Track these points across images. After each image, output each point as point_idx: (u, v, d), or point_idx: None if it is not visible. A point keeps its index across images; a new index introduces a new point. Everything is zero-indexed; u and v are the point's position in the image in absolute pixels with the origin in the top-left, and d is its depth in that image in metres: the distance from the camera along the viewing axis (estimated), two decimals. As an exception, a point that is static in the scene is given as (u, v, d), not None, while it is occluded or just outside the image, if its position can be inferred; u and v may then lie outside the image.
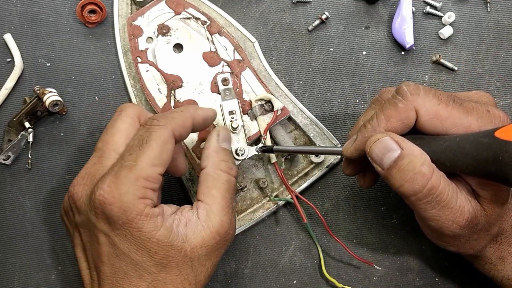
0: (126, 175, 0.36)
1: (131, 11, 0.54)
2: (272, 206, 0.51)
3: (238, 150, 0.48)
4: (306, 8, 0.55)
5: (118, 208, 0.36)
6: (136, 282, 0.37)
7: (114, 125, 0.41)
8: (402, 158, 0.36)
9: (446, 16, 0.54)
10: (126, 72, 0.53)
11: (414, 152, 0.36)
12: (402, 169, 0.36)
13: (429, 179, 0.36)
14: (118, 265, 0.37)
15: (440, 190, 0.36)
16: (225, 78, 0.50)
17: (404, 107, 0.37)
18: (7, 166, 0.53)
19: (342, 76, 0.54)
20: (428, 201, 0.36)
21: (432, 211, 0.37)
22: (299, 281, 0.51)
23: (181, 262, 0.38)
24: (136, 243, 0.37)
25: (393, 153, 0.36)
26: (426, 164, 0.36)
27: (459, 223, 0.37)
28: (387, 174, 0.37)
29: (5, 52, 0.54)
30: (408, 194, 0.36)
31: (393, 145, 0.37)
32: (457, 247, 0.41)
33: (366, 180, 0.44)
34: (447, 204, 0.36)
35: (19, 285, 0.51)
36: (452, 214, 0.37)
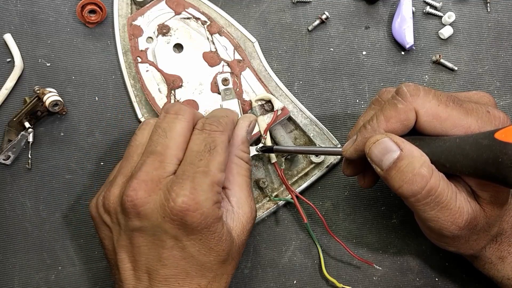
0: (203, 181, 0.37)
1: (131, 11, 0.54)
2: (272, 206, 0.51)
3: (238, 150, 0.48)
4: (306, 8, 0.55)
5: (200, 215, 0.37)
6: (197, 281, 0.39)
7: (174, 129, 0.40)
8: (401, 159, 0.36)
9: (446, 16, 0.54)
10: (126, 72, 0.53)
11: (413, 153, 0.36)
12: (401, 170, 0.36)
13: (428, 180, 0.36)
14: (182, 267, 0.38)
15: (439, 191, 0.36)
16: (225, 78, 0.50)
17: (403, 108, 0.37)
18: (7, 166, 0.53)
19: (342, 76, 0.54)
20: (427, 203, 0.36)
21: (431, 212, 0.37)
22: (299, 281, 0.51)
23: (234, 251, 0.40)
24: (208, 246, 0.38)
25: (392, 154, 0.36)
26: (425, 165, 0.36)
27: (458, 224, 0.37)
28: (386, 175, 0.37)
29: (5, 52, 0.54)
30: (407, 195, 0.36)
31: (393, 146, 0.37)
32: (456, 247, 0.41)
33: (367, 180, 0.44)
34: (446, 205, 0.36)
35: (19, 285, 0.51)
36: (451, 215, 0.37)
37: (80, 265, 0.51)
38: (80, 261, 0.51)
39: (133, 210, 0.38)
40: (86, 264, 0.51)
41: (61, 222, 0.52)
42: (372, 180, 0.44)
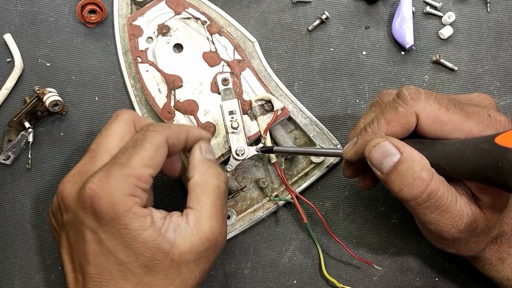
0: (117, 172, 0.37)
1: (131, 11, 0.54)
2: (272, 206, 0.51)
3: (238, 150, 0.48)
4: (306, 8, 0.55)
5: (107, 203, 0.36)
6: (121, 284, 0.37)
7: (109, 128, 0.41)
8: (402, 163, 0.36)
9: (446, 16, 0.54)
10: (126, 72, 0.53)
11: (414, 157, 0.36)
12: (401, 174, 0.36)
13: (428, 184, 0.36)
14: (104, 265, 0.37)
15: (439, 195, 0.36)
16: (225, 78, 0.50)
17: (404, 112, 0.37)
18: (7, 166, 0.53)
19: (342, 76, 0.54)
20: (427, 206, 0.36)
21: (431, 215, 0.37)
22: (299, 281, 0.51)
23: (168, 266, 0.37)
24: (122, 241, 0.36)
25: (392, 157, 0.36)
26: (426, 169, 0.36)
27: (458, 227, 0.37)
28: (386, 179, 0.37)
29: (5, 52, 0.54)
30: (408, 199, 0.37)
31: (393, 150, 0.37)
32: (456, 249, 0.41)
33: (367, 182, 0.44)
34: (446, 209, 0.36)
35: (19, 285, 0.51)
36: (451, 219, 0.37)
37: (80, 265, 0.51)
38: (80, 261, 0.51)
39: (61, 203, 0.39)
40: (86, 264, 0.51)
41: (61, 222, 0.52)
42: (372, 182, 0.44)
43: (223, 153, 0.49)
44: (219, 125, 0.50)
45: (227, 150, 0.49)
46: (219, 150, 0.49)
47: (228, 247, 0.52)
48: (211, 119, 0.50)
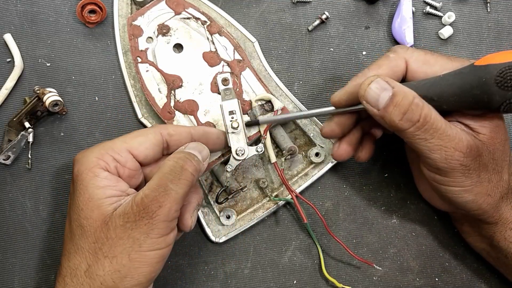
0: (99, 144, 0.42)
1: (131, 11, 0.54)
2: (272, 206, 0.51)
3: (238, 150, 0.48)
4: (306, 8, 0.55)
5: (79, 163, 0.40)
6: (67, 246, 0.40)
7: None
8: (396, 95, 0.39)
9: (446, 16, 0.54)
10: (126, 72, 0.53)
11: (404, 89, 0.39)
12: (398, 104, 0.38)
13: (422, 108, 0.38)
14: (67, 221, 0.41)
15: (434, 118, 0.38)
16: (225, 78, 0.50)
17: (394, 57, 0.42)
18: (7, 166, 0.53)
19: (342, 76, 0.54)
20: (426, 129, 0.38)
21: (432, 140, 0.38)
22: (299, 281, 0.51)
23: (98, 227, 0.38)
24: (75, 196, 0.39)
25: (386, 92, 0.39)
26: (417, 97, 0.39)
27: (461, 149, 0.38)
28: (384, 113, 0.39)
29: (5, 52, 0.54)
30: (407, 126, 0.38)
31: (385, 85, 0.39)
32: (472, 193, 0.40)
33: (340, 148, 0.45)
34: (444, 132, 0.38)
35: (19, 285, 0.51)
36: (452, 141, 0.38)
37: (80, 265, 0.51)
38: (80, 261, 0.51)
39: None
40: (86, 264, 0.51)
41: (61, 222, 0.52)
42: (345, 150, 0.45)
43: (223, 153, 0.49)
44: (219, 125, 0.50)
45: (227, 150, 0.49)
46: (219, 150, 0.49)
47: (228, 247, 0.52)
48: (211, 119, 0.50)
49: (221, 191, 0.49)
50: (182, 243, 0.52)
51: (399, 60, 0.42)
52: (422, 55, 0.42)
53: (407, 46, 0.43)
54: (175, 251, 0.51)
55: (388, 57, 0.42)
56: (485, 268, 0.51)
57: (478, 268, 0.51)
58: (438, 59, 0.42)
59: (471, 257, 0.51)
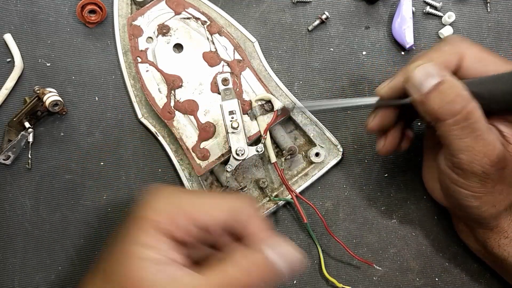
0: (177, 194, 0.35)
1: (131, 11, 0.54)
2: (272, 206, 0.51)
3: (238, 150, 0.48)
4: (306, 8, 0.55)
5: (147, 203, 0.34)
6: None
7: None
8: (444, 83, 0.36)
9: (446, 16, 0.54)
10: (126, 72, 0.53)
11: (454, 80, 0.37)
12: (443, 91, 0.36)
13: (469, 102, 0.36)
14: None
15: (477, 117, 0.36)
16: (225, 78, 0.50)
17: (448, 50, 0.39)
18: (7, 166, 0.53)
19: (342, 76, 0.54)
20: (464, 127, 0.36)
21: (466, 139, 0.36)
22: (299, 281, 0.51)
23: None
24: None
25: (434, 78, 0.37)
26: (466, 89, 0.36)
27: (490, 157, 0.37)
28: (425, 99, 0.37)
29: (5, 52, 0.54)
30: (447, 116, 0.36)
31: (435, 71, 0.37)
32: (479, 199, 0.39)
33: (388, 142, 0.43)
34: (481, 135, 0.36)
35: (19, 285, 0.51)
36: (485, 147, 0.36)
37: (80, 265, 0.51)
38: (80, 261, 0.51)
39: None
40: (86, 264, 0.51)
41: (61, 222, 0.52)
42: (392, 145, 0.43)
43: (223, 153, 0.49)
44: (219, 125, 0.50)
45: (227, 150, 0.49)
46: (219, 150, 0.49)
47: None
48: (211, 119, 0.50)
49: (221, 191, 0.49)
50: (182, 243, 0.52)
51: (453, 55, 0.39)
52: (479, 52, 0.39)
53: (463, 38, 0.40)
54: (175, 251, 0.52)
55: (441, 50, 0.39)
56: (485, 268, 0.51)
57: (478, 268, 0.51)
58: (494, 59, 0.39)
59: (471, 257, 0.51)
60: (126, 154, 0.53)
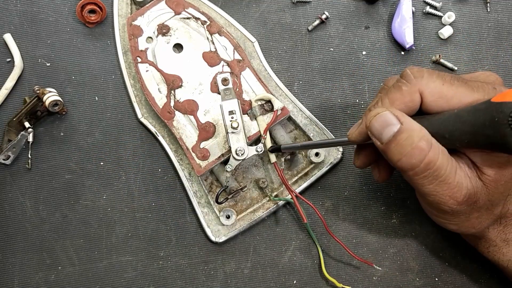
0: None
1: (131, 11, 0.54)
2: (272, 206, 0.51)
3: (238, 150, 0.48)
4: (306, 8, 0.55)
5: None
6: None
7: None
8: (401, 132, 0.36)
9: (446, 16, 0.54)
10: (126, 72, 0.53)
11: (413, 127, 0.36)
12: (400, 144, 0.36)
13: (426, 154, 0.36)
14: None
15: (438, 165, 0.36)
16: (225, 78, 0.50)
17: (408, 90, 0.38)
18: (7, 166, 0.53)
19: (342, 76, 0.54)
20: (425, 176, 0.36)
21: (430, 186, 0.37)
22: (299, 281, 0.51)
23: None
24: None
25: (392, 127, 0.37)
26: (425, 139, 0.36)
27: (457, 199, 0.37)
28: (385, 149, 0.37)
29: (5, 52, 0.54)
30: (406, 168, 0.37)
31: (393, 120, 0.37)
32: (457, 225, 0.41)
33: (381, 172, 0.43)
34: (444, 180, 0.36)
35: (19, 285, 0.51)
36: (450, 190, 0.37)
37: (80, 265, 0.51)
38: (80, 261, 0.51)
39: None
40: (86, 264, 0.51)
41: (61, 222, 0.52)
42: (387, 172, 0.43)
43: (223, 153, 0.49)
44: (219, 125, 0.50)
45: (227, 150, 0.49)
46: (219, 150, 0.49)
47: (228, 247, 0.52)
48: (211, 119, 0.50)
49: (221, 191, 0.49)
50: (182, 243, 0.52)
51: (414, 94, 0.38)
52: (439, 87, 0.38)
53: (422, 71, 0.38)
54: (175, 251, 0.52)
55: (401, 90, 0.38)
56: (485, 268, 0.51)
57: (478, 268, 0.51)
58: (457, 90, 0.37)
59: (471, 257, 0.51)
60: (126, 154, 0.53)
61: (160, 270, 0.51)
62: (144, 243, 0.52)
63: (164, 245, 0.52)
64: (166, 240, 0.52)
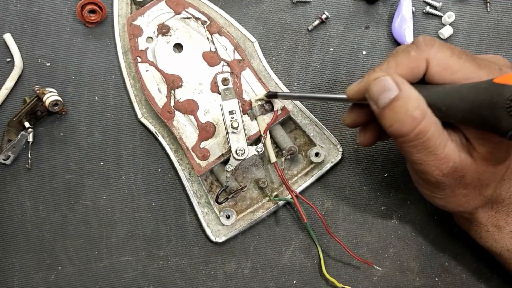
0: None
1: (131, 11, 0.54)
2: (272, 206, 0.51)
3: (238, 150, 0.48)
4: (306, 8, 0.55)
5: None
6: None
7: None
8: (397, 99, 0.36)
9: (446, 16, 0.54)
10: (126, 72, 0.53)
11: (411, 95, 0.36)
12: (394, 111, 0.36)
13: (419, 123, 0.36)
14: None
15: (428, 136, 0.36)
16: (225, 78, 0.50)
17: (416, 56, 0.38)
18: (7, 166, 0.53)
19: (342, 76, 0.54)
20: (414, 145, 0.37)
21: (417, 154, 0.37)
22: (299, 281, 0.51)
23: None
24: None
25: (389, 93, 0.36)
26: (420, 108, 0.36)
27: (442, 170, 0.37)
28: (380, 113, 0.37)
29: (5, 52, 0.54)
30: (396, 135, 0.37)
31: (392, 86, 0.36)
32: (443, 200, 0.41)
33: (367, 136, 0.43)
34: (433, 151, 0.37)
35: (19, 285, 0.51)
36: (437, 161, 0.37)
37: (80, 265, 0.51)
38: (80, 261, 0.51)
39: None
40: (86, 264, 0.51)
41: (61, 222, 0.52)
42: (372, 138, 0.43)
43: (223, 153, 0.49)
44: (219, 125, 0.50)
45: (227, 150, 0.49)
46: (219, 150, 0.49)
47: (228, 247, 0.52)
48: (211, 119, 0.50)
49: (221, 191, 0.49)
50: (182, 243, 0.52)
51: (420, 61, 0.38)
52: (446, 58, 0.37)
53: (434, 40, 0.38)
54: (175, 251, 0.52)
55: (409, 55, 0.38)
56: (485, 268, 0.51)
57: (478, 268, 0.51)
58: (464, 65, 0.37)
59: (471, 257, 0.51)
60: (126, 154, 0.53)
61: (160, 270, 0.51)
62: (144, 243, 0.52)
63: (164, 245, 0.52)
64: (166, 240, 0.52)
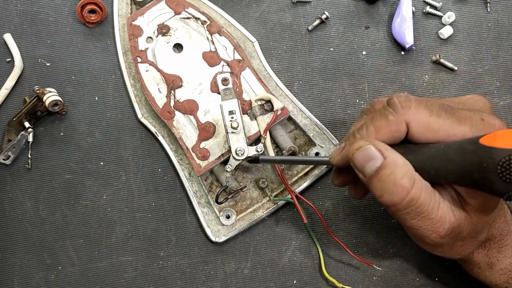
0: None
1: (131, 11, 0.54)
2: (272, 206, 0.51)
3: (238, 150, 0.48)
4: (306, 8, 0.55)
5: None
6: None
7: None
8: (384, 167, 0.36)
9: (446, 16, 0.54)
10: (126, 72, 0.53)
11: (397, 162, 0.36)
12: (382, 180, 0.36)
13: (409, 191, 0.35)
14: None
15: (420, 202, 0.35)
16: (225, 78, 0.50)
17: (394, 120, 0.37)
18: (7, 166, 0.53)
19: (342, 76, 0.54)
20: (407, 212, 0.36)
21: (412, 221, 0.36)
22: (299, 281, 0.51)
23: None
24: None
25: (375, 161, 0.36)
26: (407, 175, 0.35)
27: (439, 233, 0.37)
28: (368, 182, 0.37)
29: (5, 52, 0.54)
30: (387, 205, 0.36)
31: (376, 154, 0.36)
32: (442, 253, 0.41)
33: (358, 190, 0.43)
34: (427, 215, 0.36)
35: (19, 285, 0.51)
36: (432, 225, 0.36)
37: (80, 265, 0.51)
38: (80, 261, 0.51)
39: None
40: (86, 264, 0.51)
41: (61, 222, 0.52)
42: (363, 191, 0.43)
43: (223, 153, 0.49)
44: (219, 125, 0.50)
45: (227, 150, 0.49)
46: (219, 150, 0.49)
47: (228, 247, 0.52)
48: (211, 119, 0.50)
49: (221, 191, 0.49)
50: (182, 243, 0.52)
51: (400, 124, 0.37)
52: (426, 118, 0.36)
53: (410, 100, 0.37)
54: (175, 251, 0.52)
55: (387, 119, 0.37)
56: (485, 268, 0.51)
57: (478, 268, 0.51)
58: (444, 123, 0.36)
59: (471, 257, 0.51)
60: (126, 154, 0.53)
61: (160, 270, 0.51)
62: (144, 243, 0.52)
63: (164, 245, 0.52)
64: (166, 240, 0.52)
